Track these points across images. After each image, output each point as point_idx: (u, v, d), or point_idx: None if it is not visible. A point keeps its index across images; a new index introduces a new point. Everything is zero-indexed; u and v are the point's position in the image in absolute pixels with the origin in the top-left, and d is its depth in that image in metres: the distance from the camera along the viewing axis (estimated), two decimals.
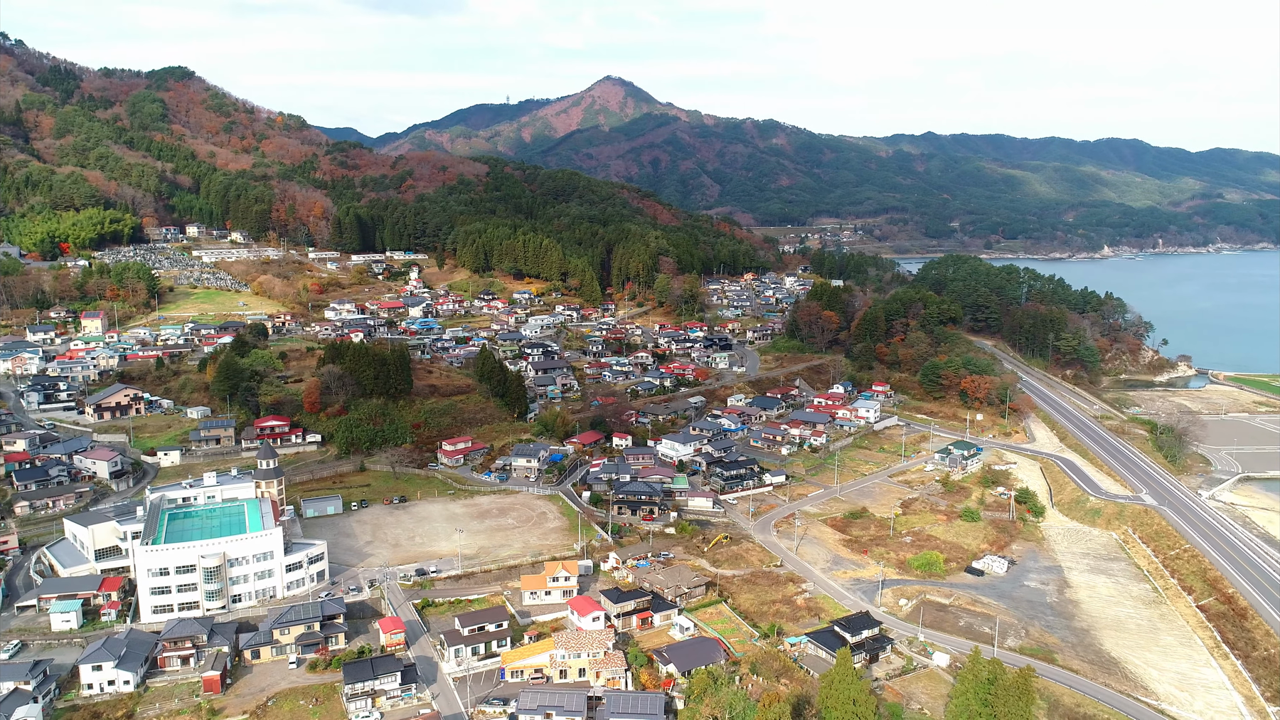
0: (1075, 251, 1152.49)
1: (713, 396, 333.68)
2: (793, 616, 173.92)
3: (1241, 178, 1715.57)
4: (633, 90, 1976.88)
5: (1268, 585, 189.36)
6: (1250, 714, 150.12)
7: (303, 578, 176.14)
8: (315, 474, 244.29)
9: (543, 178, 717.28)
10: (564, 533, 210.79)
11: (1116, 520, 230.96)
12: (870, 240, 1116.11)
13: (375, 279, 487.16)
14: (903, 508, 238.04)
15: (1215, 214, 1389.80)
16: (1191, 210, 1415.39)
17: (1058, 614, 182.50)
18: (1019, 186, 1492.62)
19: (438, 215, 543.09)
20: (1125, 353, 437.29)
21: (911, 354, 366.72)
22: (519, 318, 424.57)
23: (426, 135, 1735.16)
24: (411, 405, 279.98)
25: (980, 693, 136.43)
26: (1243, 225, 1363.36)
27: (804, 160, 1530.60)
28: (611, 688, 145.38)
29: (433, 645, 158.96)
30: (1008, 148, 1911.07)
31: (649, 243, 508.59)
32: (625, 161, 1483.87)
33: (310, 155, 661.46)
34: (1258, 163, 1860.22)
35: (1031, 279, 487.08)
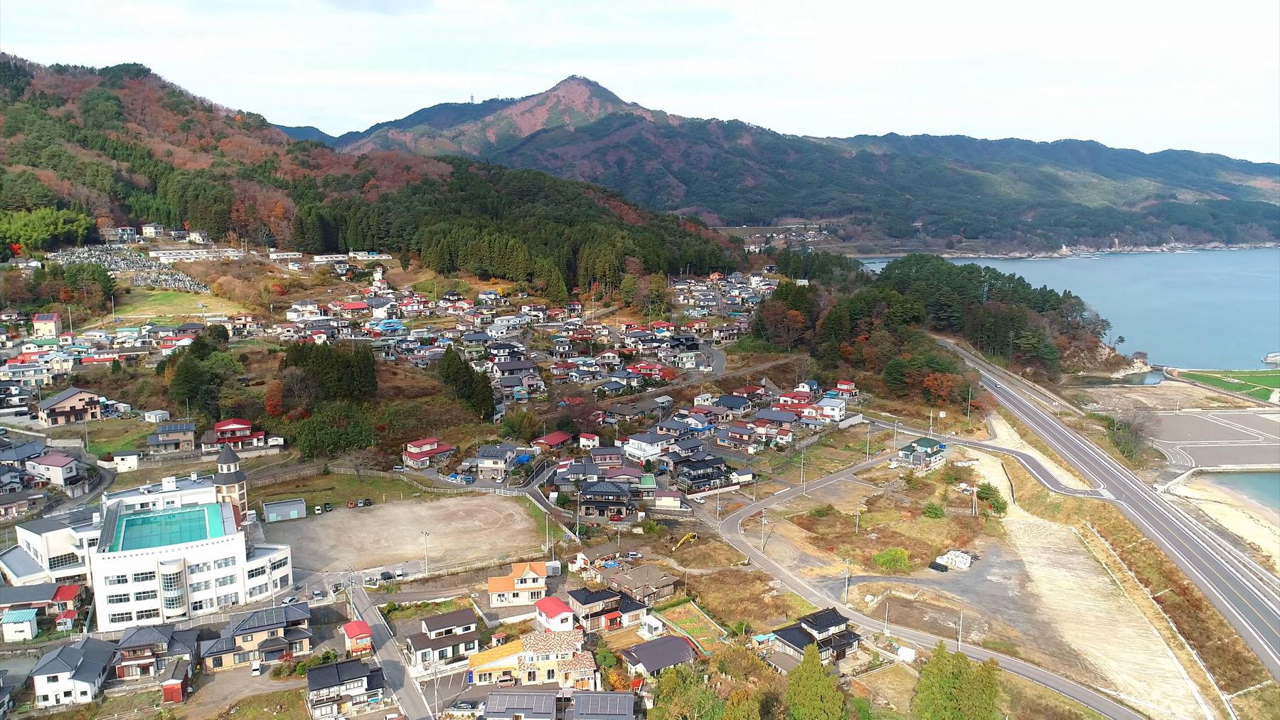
0: (1034, 251, 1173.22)
1: (680, 396, 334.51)
2: (760, 614, 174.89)
3: (1194, 179, 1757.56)
4: (598, 90, 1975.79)
5: (1221, 577, 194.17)
6: (1205, 702, 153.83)
7: (266, 583, 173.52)
8: (278, 478, 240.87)
9: (508, 178, 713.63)
10: (531, 534, 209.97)
11: (1076, 515, 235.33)
12: (835, 240, 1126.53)
13: (338, 280, 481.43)
14: (868, 505, 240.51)
15: (1169, 214, 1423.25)
16: (1146, 210, 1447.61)
17: (1020, 608, 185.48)
18: (980, 187, 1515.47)
19: (402, 215, 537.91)
20: (1083, 350, 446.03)
21: (876, 353, 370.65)
22: (485, 318, 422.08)
23: (390, 135, 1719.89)
24: (376, 407, 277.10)
25: (945, 687, 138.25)
26: (1195, 225, 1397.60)
27: (769, 160, 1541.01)
28: (580, 689, 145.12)
29: (399, 649, 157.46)
30: (968, 149, 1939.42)
31: (615, 243, 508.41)
32: (591, 161, 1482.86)
33: (271, 154, 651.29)
34: (1210, 164, 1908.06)
35: (992, 278, 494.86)
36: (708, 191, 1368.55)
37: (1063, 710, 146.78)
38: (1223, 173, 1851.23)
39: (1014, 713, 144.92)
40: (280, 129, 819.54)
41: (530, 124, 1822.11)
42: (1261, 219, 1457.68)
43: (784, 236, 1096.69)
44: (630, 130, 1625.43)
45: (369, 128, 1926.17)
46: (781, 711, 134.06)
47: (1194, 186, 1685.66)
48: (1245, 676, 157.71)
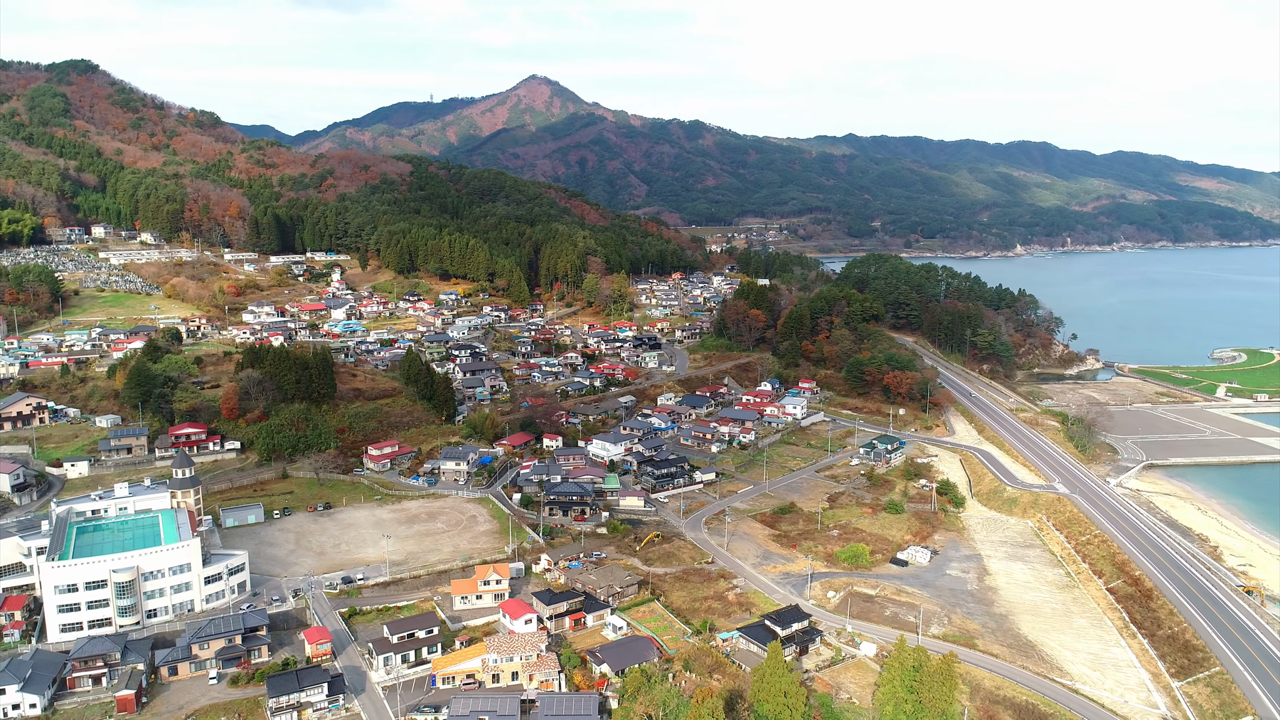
0: (990, 250, 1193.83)
1: (643, 396, 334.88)
2: (724, 612, 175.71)
3: (1143, 180, 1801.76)
4: (559, 90, 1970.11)
5: (1171, 567, 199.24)
6: (1156, 690, 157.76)
7: (223, 590, 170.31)
8: (235, 482, 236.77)
9: (468, 177, 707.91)
10: (495, 535, 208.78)
11: (1032, 509, 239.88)
12: (795, 240, 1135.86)
13: (296, 281, 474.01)
14: (829, 502, 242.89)
15: (1119, 214, 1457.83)
16: (1097, 210, 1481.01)
17: (978, 601, 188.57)
18: (937, 187, 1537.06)
19: (360, 215, 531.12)
20: (1038, 347, 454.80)
21: (836, 351, 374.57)
22: (446, 319, 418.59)
23: (348, 134, 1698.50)
24: (335, 409, 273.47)
25: (906, 680, 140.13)
26: (1144, 225, 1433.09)
27: (729, 161, 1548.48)
28: (545, 690, 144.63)
29: (361, 654, 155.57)
30: (925, 149, 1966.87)
31: (577, 243, 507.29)
32: (552, 161, 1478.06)
33: (225, 153, 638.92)
34: (1158, 165, 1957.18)
35: (949, 277, 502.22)
36: (669, 191, 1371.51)
37: (1020, 700, 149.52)
38: (1170, 173, 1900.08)
39: (973, 704, 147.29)
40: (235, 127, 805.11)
41: (491, 123, 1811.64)
42: (1207, 219, 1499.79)
43: (745, 236, 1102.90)
44: (592, 130, 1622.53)
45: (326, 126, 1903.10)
46: (746, 708, 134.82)
47: (1143, 187, 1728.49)
48: (1194, 664, 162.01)
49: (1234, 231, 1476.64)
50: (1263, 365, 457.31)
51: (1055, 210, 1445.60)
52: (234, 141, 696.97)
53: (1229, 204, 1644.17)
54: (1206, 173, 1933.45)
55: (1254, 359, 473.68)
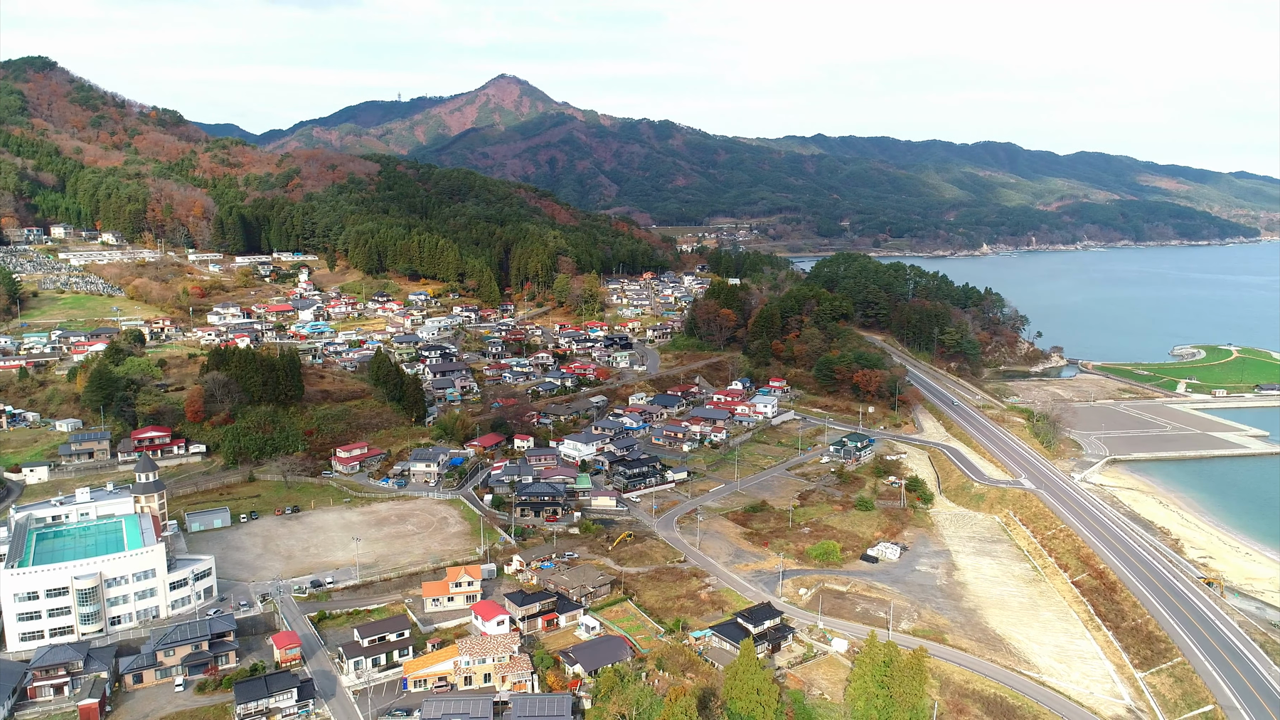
0: (957, 249, 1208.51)
1: (614, 395, 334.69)
2: (697, 611, 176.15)
3: (1105, 180, 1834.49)
4: (528, 89, 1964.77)
5: (1134, 560, 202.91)
6: (1121, 681, 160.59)
7: (189, 595, 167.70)
8: (200, 486, 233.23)
9: (437, 177, 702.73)
10: (466, 537, 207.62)
11: (999, 504, 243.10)
12: (765, 239, 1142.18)
13: (262, 281, 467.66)
14: (800, 499, 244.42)
15: (1082, 214, 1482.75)
16: (1061, 210, 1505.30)
17: (947, 596, 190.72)
18: (904, 187, 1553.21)
19: (328, 215, 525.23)
20: (1004, 345, 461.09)
21: (806, 350, 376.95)
22: (415, 320, 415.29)
23: (314, 133, 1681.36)
24: (303, 412, 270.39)
25: (877, 675, 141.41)
26: (1106, 224, 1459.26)
27: (699, 161, 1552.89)
28: (518, 691, 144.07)
29: (331, 658, 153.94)
30: (893, 150, 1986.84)
31: (547, 242, 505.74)
32: (522, 161, 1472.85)
33: (188, 152, 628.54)
34: (1120, 166, 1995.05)
35: (917, 276, 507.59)
36: (640, 191, 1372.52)
37: (988, 694, 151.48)
38: (1132, 174, 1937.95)
39: (943, 698, 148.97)
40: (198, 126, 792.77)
41: (460, 123, 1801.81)
42: (1167, 218, 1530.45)
43: (715, 236, 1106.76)
44: (562, 130, 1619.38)
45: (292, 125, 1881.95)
46: (719, 706, 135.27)
47: (1105, 187, 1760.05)
48: (1157, 655, 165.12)
49: (1193, 231, 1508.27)
50: (1221, 362, 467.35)
51: (1020, 210, 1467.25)
52: (198, 140, 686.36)
53: (1188, 204, 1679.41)
54: (1166, 173, 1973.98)
55: (1213, 355, 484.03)
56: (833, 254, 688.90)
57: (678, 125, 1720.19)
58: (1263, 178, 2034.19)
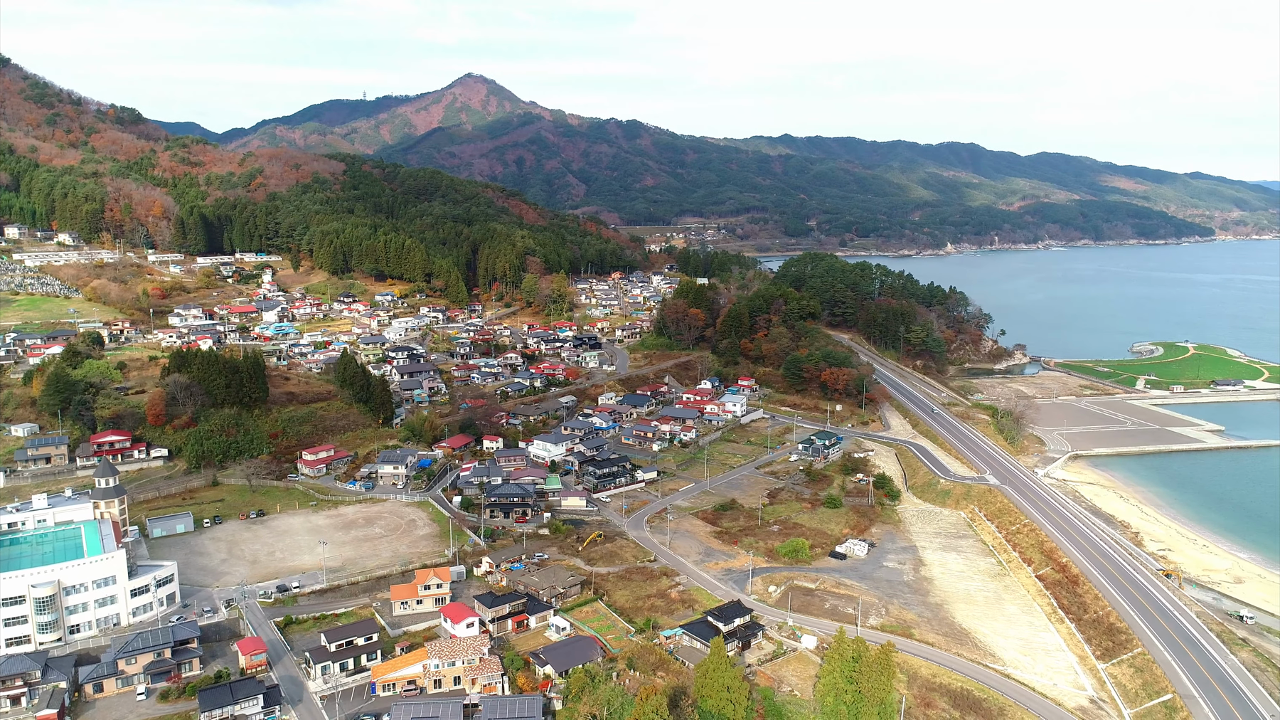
0: (922, 249, 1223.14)
1: (583, 395, 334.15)
2: (667, 610, 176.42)
3: (1065, 180, 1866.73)
4: (495, 88, 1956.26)
5: (1095, 554, 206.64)
6: (1083, 672, 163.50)
7: (150, 602, 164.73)
8: (162, 491, 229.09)
9: (404, 176, 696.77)
10: (435, 539, 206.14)
11: (964, 500, 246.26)
12: (733, 239, 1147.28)
13: (225, 282, 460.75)
14: (770, 498, 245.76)
15: (1043, 213, 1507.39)
16: (1023, 210, 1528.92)
17: (914, 591, 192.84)
18: (870, 187, 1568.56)
19: (292, 215, 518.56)
20: (968, 343, 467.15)
21: (774, 348, 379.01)
22: (382, 320, 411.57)
23: (278, 131, 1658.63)
24: (268, 414, 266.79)
25: (846, 671, 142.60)
26: (1067, 224, 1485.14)
27: (668, 161, 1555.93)
28: (488, 694, 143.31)
29: (298, 664, 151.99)
30: (859, 150, 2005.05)
31: (515, 242, 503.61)
32: (489, 160, 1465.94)
33: (148, 151, 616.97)
34: (1079, 166, 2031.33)
35: (883, 275, 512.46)
36: (608, 191, 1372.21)
37: (955, 687, 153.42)
38: (1091, 174, 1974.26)
39: (911, 692, 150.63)
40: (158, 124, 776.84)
41: (426, 122, 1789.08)
42: (1125, 217, 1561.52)
43: (684, 236, 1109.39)
44: (529, 129, 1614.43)
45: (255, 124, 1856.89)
46: (689, 705, 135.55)
47: (1066, 187, 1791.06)
48: (1118, 646, 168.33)
49: (1150, 230, 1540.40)
50: (1178, 358, 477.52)
51: (984, 210, 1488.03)
52: (157, 139, 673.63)
53: (1145, 204, 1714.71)
54: (1125, 173, 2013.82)
55: (1170, 352, 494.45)
56: (800, 254, 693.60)
57: (646, 125, 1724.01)
58: (1217, 178, 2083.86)
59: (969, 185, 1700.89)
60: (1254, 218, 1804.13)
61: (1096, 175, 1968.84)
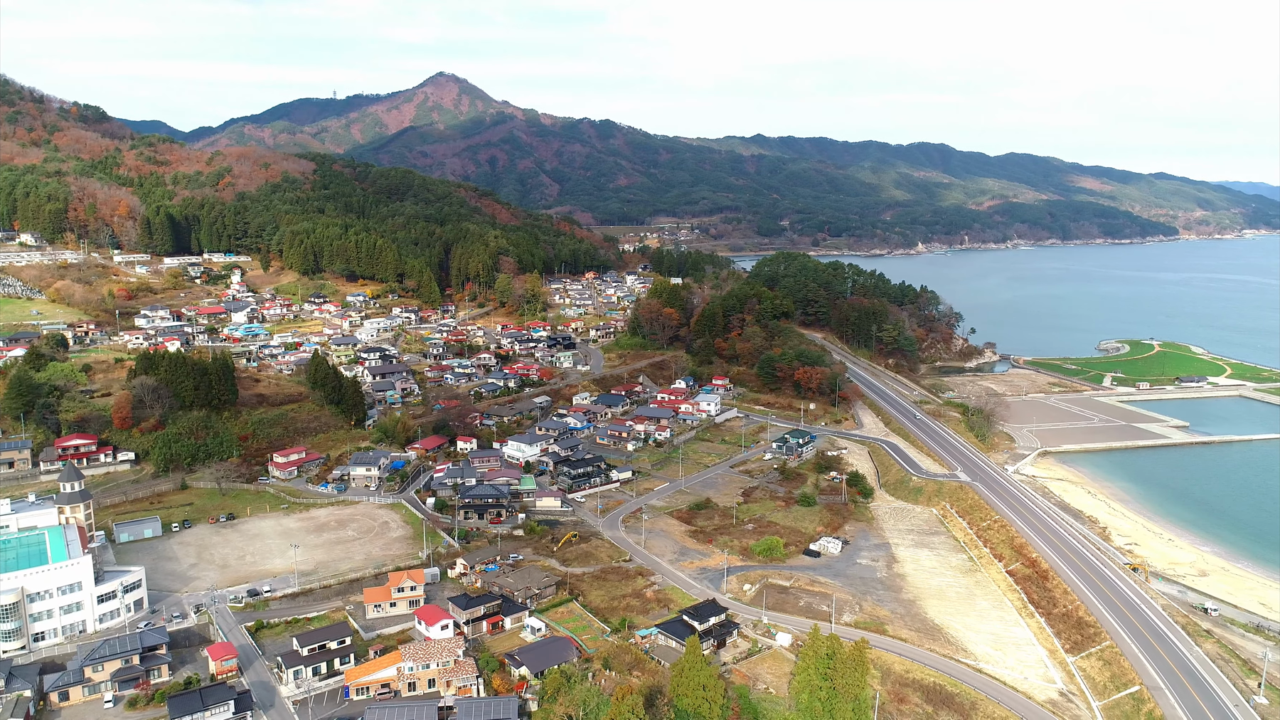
0: (893, 248, 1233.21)
1: (558, 396, 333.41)
2: (643, 609, 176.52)
3: (1033, 180, 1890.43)
4: (467, 87, 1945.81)
5: (1064, 549, 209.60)
6: (1053, 665, 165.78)
7: (118, 608, 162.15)
8: (129, 495, 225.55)
9: (375, 175, 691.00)
10: (408, 541, 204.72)
11: (936, 497, 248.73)
12: (706, 239, 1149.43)
13: (193, 283, 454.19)
14: (744, 496, 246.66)
15: (1012, 213, 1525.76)
16: (992, 210, 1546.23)
17: (887, 588, 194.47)
18: (842, 187, 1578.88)
19: (261, 215, 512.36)
20: (939, 341, 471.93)
21: (748, 348, 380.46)
22: (354, 321, 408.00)
23: (246, 130, 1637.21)
24: (238, 416, 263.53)
25: (820, 668, 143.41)
26: (1035, 223, 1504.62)
27: (641, 160, 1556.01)
28: (463, 696, 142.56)
29: (269, 669, 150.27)
30: (830, 150, 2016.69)
31: (489, 242, 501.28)
32: (462, 160, 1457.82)
33: (113, 150, 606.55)
34: (1047, 167, 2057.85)
35: (855, 274, 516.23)
36: (581, 191, 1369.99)
37: (928, 682, 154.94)
38: (1058, 174, 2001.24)
39: (884, 688, 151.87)
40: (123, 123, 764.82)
41: (398, 121, 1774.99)
42: (1092, 217, 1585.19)
43: (658, 235, 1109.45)
44: (502, 129, 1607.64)
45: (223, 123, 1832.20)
46: (665, 704, 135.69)
47: (1034, 187, 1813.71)
48: (1087, 639, 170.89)
49: (1116, 229, 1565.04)
50: (1144, 355, 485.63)
51: (954, 209, 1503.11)
52: (122, 138, 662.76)
53: (1111, 203, 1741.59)
54: (1091, 173, 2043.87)
55: (1136, 349, 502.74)
56: (773, 253, 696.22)
57: (619, 125, 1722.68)
58: (1180, 179, 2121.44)
59: (939, 185, 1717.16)
60: (1216, 217, 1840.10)
61: (1063, 175, 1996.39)
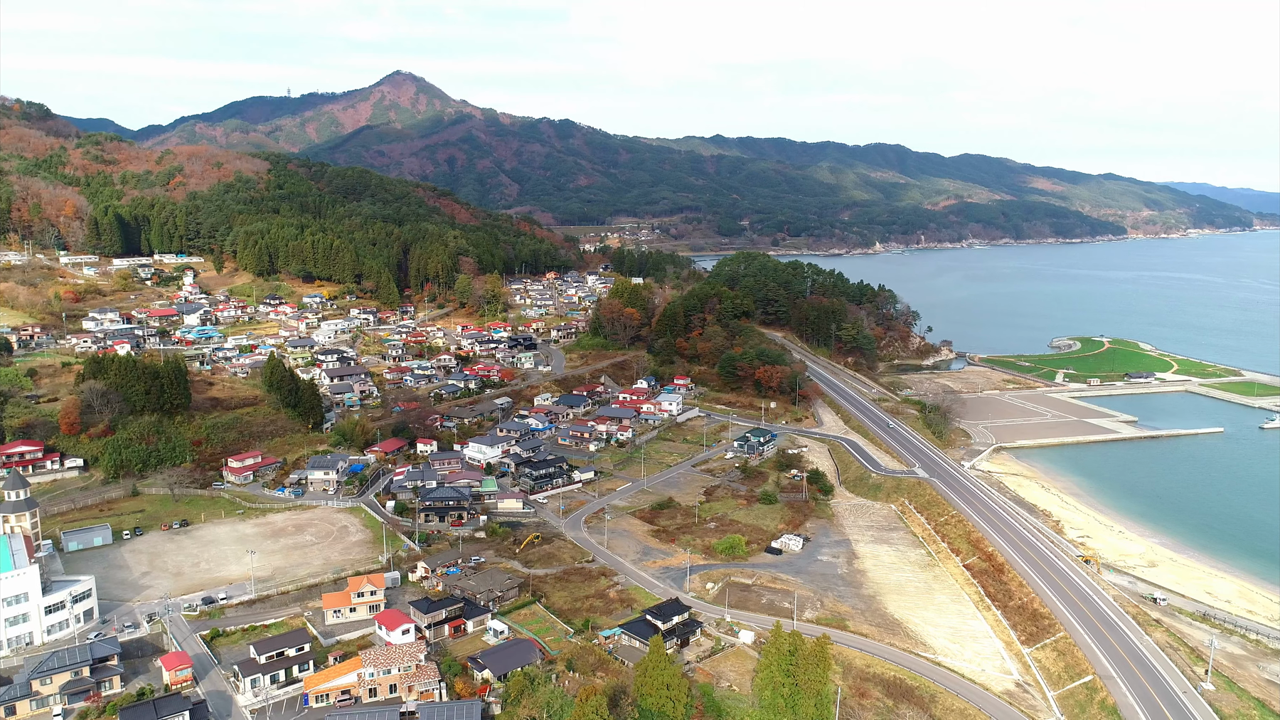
0: (851, 248, 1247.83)
1: (519, 397, 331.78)
2: (606, 610, 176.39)
3: (987, 180, 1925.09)
4: (425, 86, 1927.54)
5: (1019, 543, 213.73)
6: (1009, 657, 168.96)
7: (67, 619, 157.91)
8: (78, 503, 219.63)
9: (331, 175, 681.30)
10: (368, 545, 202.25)
11: (895, 493, 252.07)
12: (667, 239, 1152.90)
13: (143, 285, 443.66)
14: (706, 495, 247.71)
15: (967, 213, 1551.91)
16: (947, 210, 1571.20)
17: (848, 584, 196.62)
18: (801, 187, 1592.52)
19: (214, 215, 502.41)
20: (897, 340, 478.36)
21: (709, 347, 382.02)
22: (310, 323, 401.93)
23: (197, 129, 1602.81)
24: (191, 421, 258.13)
25: (783, 664, 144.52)
26: (989, 223, 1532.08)
27: (601, 160, 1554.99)
28: (425, 701, 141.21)
29: (226, 678, 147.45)
30: (789, 150, 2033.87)
31: (448, 242, 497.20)
32: (420, 159, 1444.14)
33: (57, 148, 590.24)
34: (1000, 168, 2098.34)
35: (814, 274, 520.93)
36: (541, 191, 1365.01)
37: (889, 676, 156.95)
38: (1011, 175, 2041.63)
39: (846, 683, 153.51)
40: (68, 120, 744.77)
41: (354, 120, 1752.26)
42: (1044, 217, 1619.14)
43: (618, 235, 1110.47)
44: (461, 128, 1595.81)
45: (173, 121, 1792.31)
46: (629, 703, 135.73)
47: (988, 187, 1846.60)
48: (1041, 631, 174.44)
49: (1067, 229, 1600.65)
50: (1095, 352, 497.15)
51: (910, 209, 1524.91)
52: (68, 136, 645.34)
53: (1062, 204, 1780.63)
54: (1042, 174, 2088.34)
55: (1087, 346, 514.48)
56: (733, 253, 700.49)
57: (579, 125, 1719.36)
58: (1128, 179, 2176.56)
59: (897, 185, 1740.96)
60: (1163, 217, 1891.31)
61: (1016, 176, 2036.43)
